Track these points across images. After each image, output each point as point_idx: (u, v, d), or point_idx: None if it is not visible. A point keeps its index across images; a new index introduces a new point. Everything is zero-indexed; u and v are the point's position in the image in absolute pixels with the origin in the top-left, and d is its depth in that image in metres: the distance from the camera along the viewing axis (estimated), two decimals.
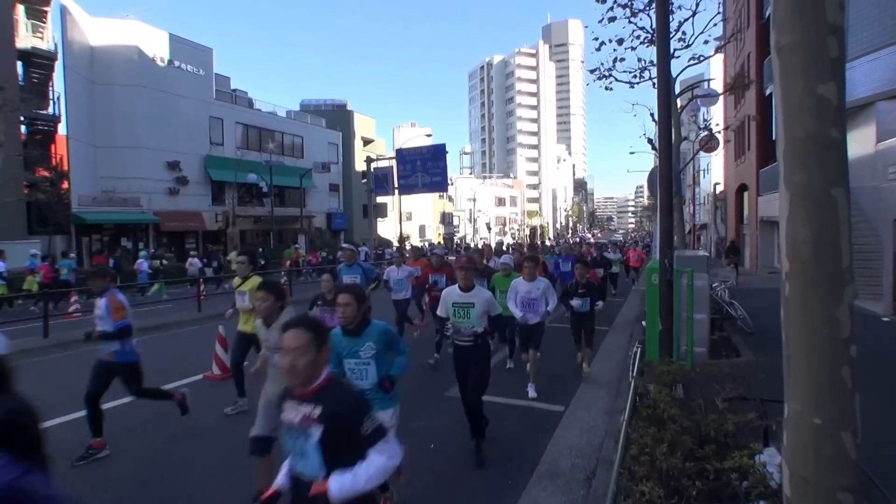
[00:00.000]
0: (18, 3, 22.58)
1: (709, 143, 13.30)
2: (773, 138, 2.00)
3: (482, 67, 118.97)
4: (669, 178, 5.78)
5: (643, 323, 7.27)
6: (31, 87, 23.43)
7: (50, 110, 24.49)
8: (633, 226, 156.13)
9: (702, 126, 15.53)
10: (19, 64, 22.47)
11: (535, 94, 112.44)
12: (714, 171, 37.64)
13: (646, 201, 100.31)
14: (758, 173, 21.00)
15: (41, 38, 24.05)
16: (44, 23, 24.41)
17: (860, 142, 12.89)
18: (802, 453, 1.52)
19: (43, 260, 16.77)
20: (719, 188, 36.14)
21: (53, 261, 16.71)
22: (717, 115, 30.42)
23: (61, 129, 24.29)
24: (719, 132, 16.49)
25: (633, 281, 18.36)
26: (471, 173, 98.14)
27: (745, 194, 25.58)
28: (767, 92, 19.48)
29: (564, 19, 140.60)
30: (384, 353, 3.31)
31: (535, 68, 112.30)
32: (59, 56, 23.35)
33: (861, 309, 10.89)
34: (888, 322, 10.03)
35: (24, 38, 22.86)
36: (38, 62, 23.68)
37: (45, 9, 24.12)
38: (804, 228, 1.50)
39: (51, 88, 24.92)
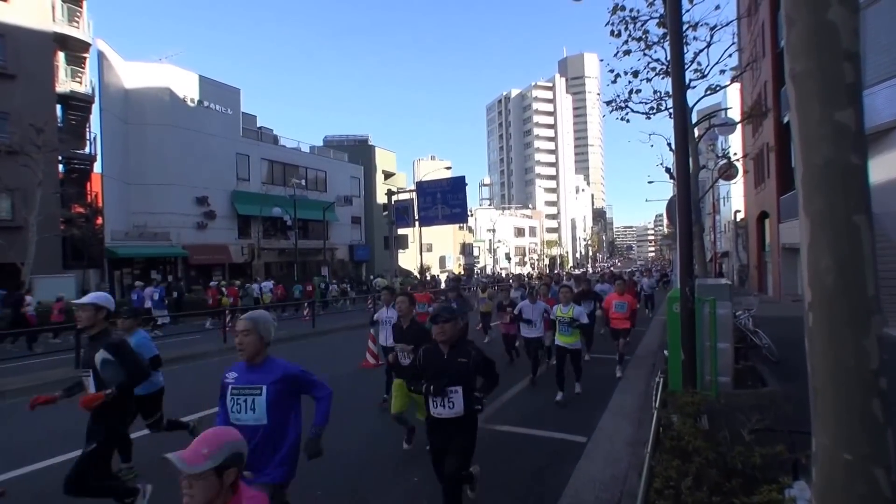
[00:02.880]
0: (59, 50, 23.96)
1: (727, 172, 13.24)
2: (793, 165, 1.97)
3: (500, 101, 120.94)
4: (688, 206, 5.78)
5: (665, 352, 7.16)
6: (69, 128, 24.78)
7: (86, 150, 25.73)
8: (652, 254, 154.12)
9: (720, 155, 15.48)
10: (59, 107, 23.74)
11: (553, 126, 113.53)
12: (734, 198, 37.25)
13: (665, 230, 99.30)
14: (778, 200, 20.74)
15: (79, 83, 25.43)
16: (82, 68, 25.84)
17: (885, 167, 12.69)
18: (833, 491, 1.45)
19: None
20: (740, 216, 35.66)
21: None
22: (735, 144, 30.40)
23: (96, 167, 25.45)
24: (738, 160, 16.38)
25: (621, 360, 9.21)
26: (490, 204, 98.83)
27: (767, 221, 25.20)
28: (785, 120, 19.39)
29: (580, 52, 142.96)
30: None
31: (552, 101, 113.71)
32: (96, 99, 24.57)
33: (890, 336, 10.51)
34: None
35: (64, 83, 24.19)
36: (77, 105, 25.04)
37: (84, 55, 25.56)
38: (826, 257, 1.46)
39: (87, 129, 26.24)
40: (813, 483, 1.54)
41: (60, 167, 24.06)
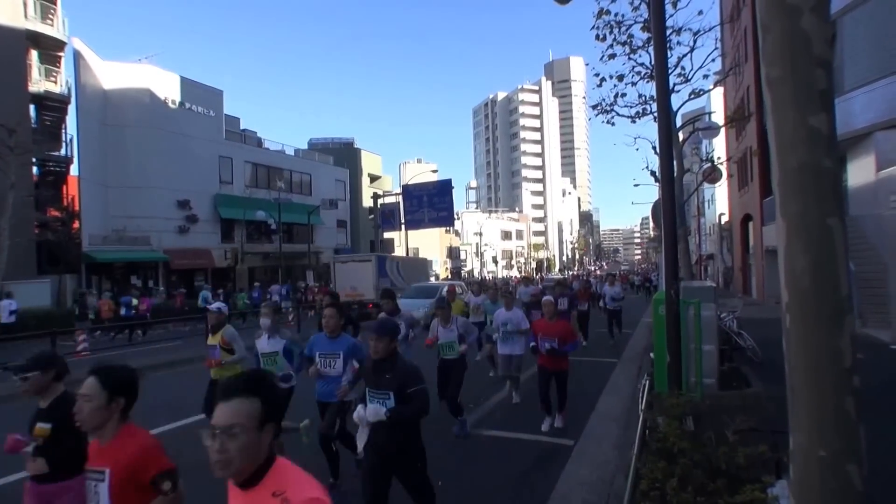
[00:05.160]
0: (32, 48, 23.17)
1: (712, 175, 13.40)
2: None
3: (486, 104, 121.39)
4: (673, 209, 5.82)
5: (651, 355, 7.21)
6: (43, 129, 23.88)
7: (62, 152, 24.92)
8: (639, 257, 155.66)
9: (704, 158, 15.68)
10: (32, 107, 22.93)
11: (539, 130, 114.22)
12: (719, 201, 37.77)
13: (651, 233, 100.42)
14: (761, 203, 21.07)
15: (54, 83, 24.63)
16: (57, 67, 25.00)
17: (861, 171, 12.97)
18: (809, 486, 1.50)
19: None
20: (724, 218, 36.17)
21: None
22: (719, 148, 30.85)
23: (73, 170, 24.69)
24: (722, 164, 16.58)
25: None
26: (477, 208, 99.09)
27: (750, 224, 25.59)
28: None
29: (566, 56, 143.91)
30: None
31: (538, 104, 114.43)
32: (72, 99, 23.79)
33: (869, 337, 10.76)
34: None
35: (38, 83, 23.36)
36: (51, 105, 24.19)
37: (59, 54, 24.73)
38: (802, 258, 1.51)
39: (63, 131, 25.42)
40: (790, 480, 1.58)
41: (34, 169, 23.22)
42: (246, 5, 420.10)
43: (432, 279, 48.92)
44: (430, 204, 31.27)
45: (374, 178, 47.49)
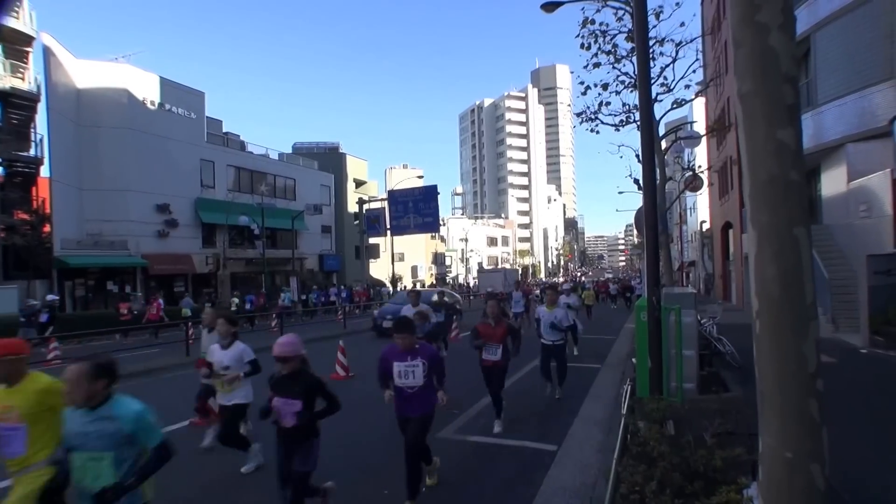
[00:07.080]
0: None
1: (693, 183, 13.66)
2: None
3: (473, 110, 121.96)
4: (655, 217, 5.93)
5: (633, 360, 7.30)
6: (9, 128, 22.73)
7: (32, 152, 23.75)
8: (623, 263, 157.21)
9: (686, 167, 15.96)
10: None
11: (525, 136, 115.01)
12: (700, 209, 38.30)
13: (635, 240, 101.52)
14: (741, 211, 21.44)
15: (21, 79, 23.29)
16: (24, 63, 23.65)
17: (833, 182, 13.32)
18: (776, 487, 1.54)
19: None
20: (705, 226, 36.72)
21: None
22: (701, 157, 31.39)
23: (44, 171, 23.48)
24: (703, 172, 16.89)
25: None
26: (462, 214, 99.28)
27: (731, 232, 26.03)
28: None
29: (552, 64, 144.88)
30: None
31: (524, 111, 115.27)
32: (43, 97, 22.58)
33: (840, 341, 11.05)
34: (866, 354, 10.13)
35: (2, 78, 22.12)
36: (18, 103, 22.99)
37: (27, 49, 23.45)
38: (771, 267, 1.57)
39: (33, 130, 24.25)
40: (759, 481, 1.63)
41: (0, 170, 22.33)
42: (231, 8, 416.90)
43: (417, 285, 48.87)
44: (416, 210, 31.25)
45: (359, 184, 47.29)
